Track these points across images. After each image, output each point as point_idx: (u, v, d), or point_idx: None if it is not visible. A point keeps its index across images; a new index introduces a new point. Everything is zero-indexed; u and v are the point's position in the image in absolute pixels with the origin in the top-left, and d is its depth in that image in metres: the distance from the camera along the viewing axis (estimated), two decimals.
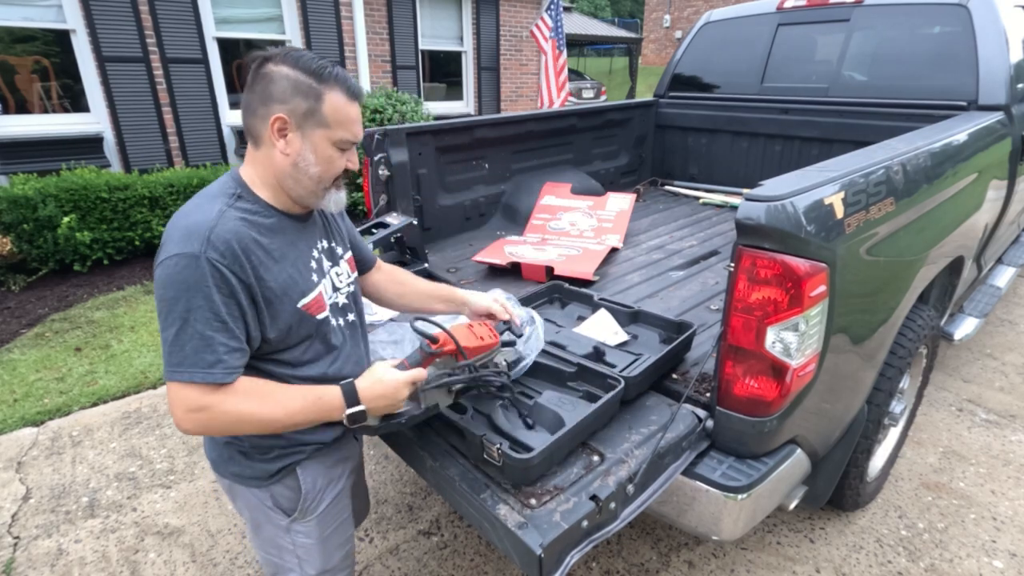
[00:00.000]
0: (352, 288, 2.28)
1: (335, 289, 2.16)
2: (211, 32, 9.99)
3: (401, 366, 2.05)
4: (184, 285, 1.71)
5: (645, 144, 6.52)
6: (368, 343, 2.41)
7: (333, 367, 2.10)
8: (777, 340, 2.24)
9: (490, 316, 2.59)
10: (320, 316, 2.02)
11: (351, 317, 2.24)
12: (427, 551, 3.61)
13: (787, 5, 5.52)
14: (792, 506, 2.82)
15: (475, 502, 2.08)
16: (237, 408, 1.78)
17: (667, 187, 6.48)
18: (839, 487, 3.31)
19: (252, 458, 2.07)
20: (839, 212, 2.31)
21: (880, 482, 3.85)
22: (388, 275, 2.66)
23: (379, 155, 4.02)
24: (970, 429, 4.61)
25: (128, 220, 7.99)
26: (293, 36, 10.72)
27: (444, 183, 4.66)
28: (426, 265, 4.13)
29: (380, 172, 4.01)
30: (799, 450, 2.63)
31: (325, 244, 2.16)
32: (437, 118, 9.40)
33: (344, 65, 11.31)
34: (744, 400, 2.38)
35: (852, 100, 5.02)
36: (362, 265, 2.54)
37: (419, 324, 2.24)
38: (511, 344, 2.45)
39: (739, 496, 2.35)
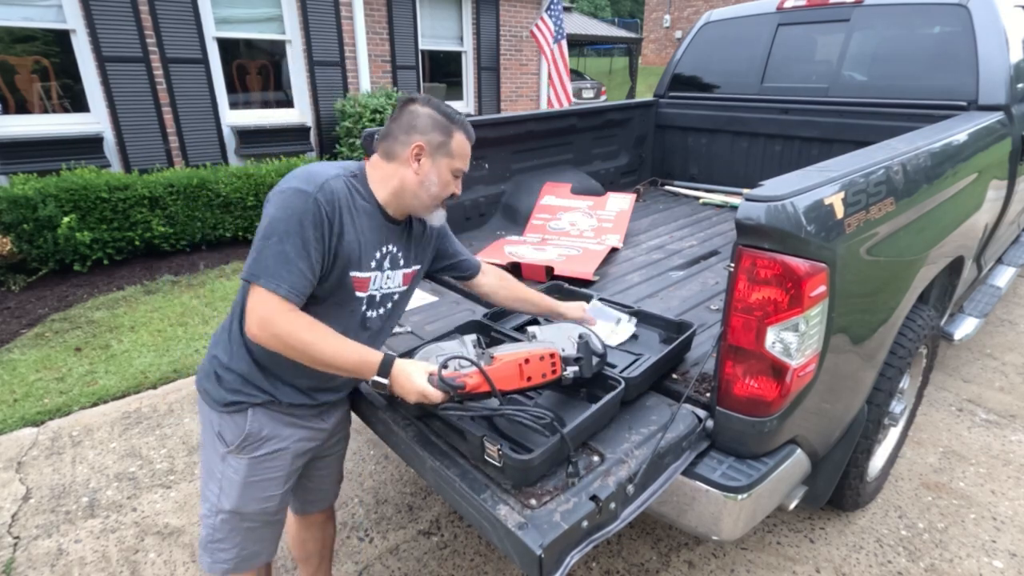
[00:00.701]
0: (396, 298, 2.55)
1: (378, 287, 2.42)
2: (211, 32, 9.98)
3: (431, 378, 2.18)
4: (291, 211, 2.06)
5: (645, 144, 6.52)
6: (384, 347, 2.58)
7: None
8: (777, 340, 2.24)
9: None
10: (360, 294, 2.34)
11: (381, 312, 2.49)
12: (427, 551, 3.61)
13: (787, 5, 5.52)
14: (792, 506, 2.81)
15: (475, 502, 2.08)
16: (298, 332, 2.06)
17: (667, 187, 6.49)
18: (839, 487, 3.31)
19: (221, 383, 2.33)
20: (839, 212, 2.31)
21: (880, 482, 3.85)
22: (497, 278, 3.02)
23: None
24: (970, 429, 4.62)
25: (128, 220, 7.99)
26: (293, 36, 10.71)
27: None
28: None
29: None
30: (799, 450, 2.62)
31: (394, 249, 2.46)
32: None
33: (344, 65, 11.34)
34: (744, 400, 2.38)
35: (852, 100, 5.02)
36: (467, 271, 2.96)
37: (456, 362, 2.27)
38: (575, 363, 2.43)
39: (739, 496, 2.35)
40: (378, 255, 2.36)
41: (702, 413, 2.53)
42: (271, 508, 2.49)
